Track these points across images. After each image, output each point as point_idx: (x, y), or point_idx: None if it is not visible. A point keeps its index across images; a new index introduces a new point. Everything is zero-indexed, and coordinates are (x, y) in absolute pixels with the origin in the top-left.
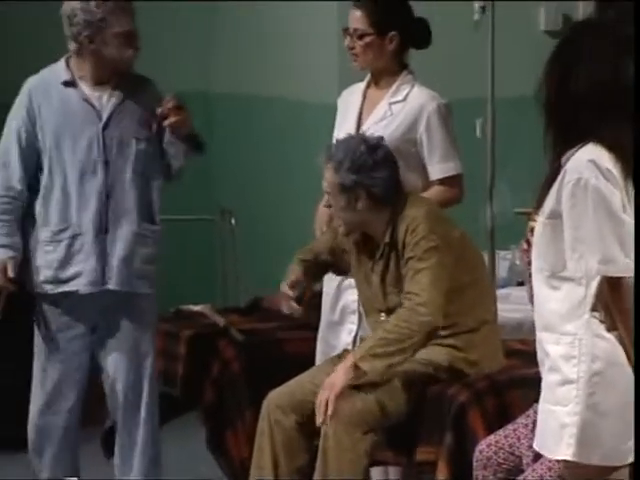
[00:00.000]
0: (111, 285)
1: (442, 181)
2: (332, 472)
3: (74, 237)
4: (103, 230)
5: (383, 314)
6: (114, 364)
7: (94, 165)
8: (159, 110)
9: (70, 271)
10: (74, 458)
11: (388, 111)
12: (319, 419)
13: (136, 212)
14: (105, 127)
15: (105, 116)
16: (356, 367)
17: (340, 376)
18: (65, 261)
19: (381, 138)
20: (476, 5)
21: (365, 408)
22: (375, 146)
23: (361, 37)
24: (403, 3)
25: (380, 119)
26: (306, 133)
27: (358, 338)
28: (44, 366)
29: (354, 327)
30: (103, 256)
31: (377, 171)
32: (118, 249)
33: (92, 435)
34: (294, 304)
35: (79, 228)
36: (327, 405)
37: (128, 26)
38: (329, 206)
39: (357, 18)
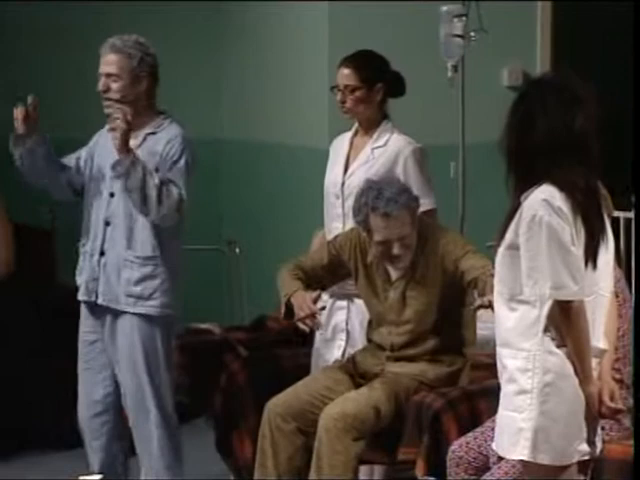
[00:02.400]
0: (99, 299)
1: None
2: (325, 473)
3: (85, 253)
4: (99, 252)
5: (394, 326)
6: (120, 378)
7: (105, 195)
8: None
9: (79, 281)
10: (121, 454)
11: (371, 155)
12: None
13: (125, 240)
14: (117, 164)
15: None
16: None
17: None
18: (79, 272)
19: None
20: (449, 64)
21: (357, 417)
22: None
23: (353, 91)
24: (383, 58)
25: (364, 162)
26: (301, 174)
27: (347, 353)
28: (79, 366)
29: (343, 343)
30: (97, 274)
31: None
32: (107, 270)
33: None
34: (319, 320)
35: (88, 246)
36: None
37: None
38: (400, 255)
39: (347, 75)
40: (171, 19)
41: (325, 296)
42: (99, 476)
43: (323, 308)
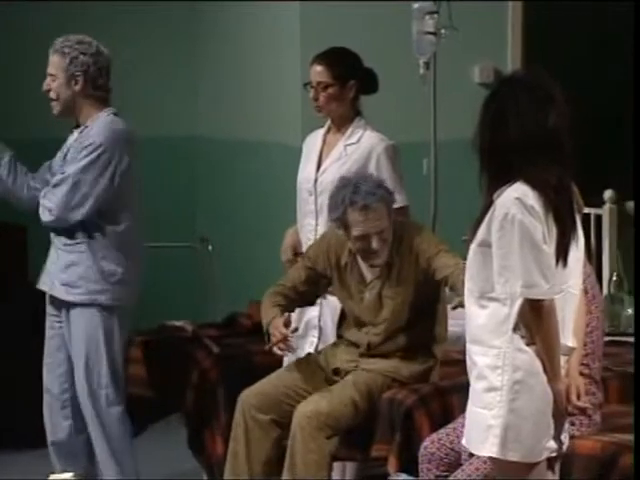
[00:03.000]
0: (44, 286)
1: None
2: (299, 471)
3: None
4: (50, 240)
5: (371, 326)
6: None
7: None
8: None
9: None
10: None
11: (343, 152)
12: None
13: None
14: None
15: None
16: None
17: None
18: None
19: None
20: (421, 61)
21: (330, 415)
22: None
23: (325, 88)
24: (355, 56)
25: (337, 159)
26: (274, 171)
27: (319, 349)
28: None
29: (315, 340)
30: (48, 262)
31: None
32: (51, 257)
33: None
34: (292, 343)
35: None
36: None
37: None
38: (377, 249)
39: (319, 72)
40: (147, 18)
41: None
42: (70, 474)
43: (296, 330)
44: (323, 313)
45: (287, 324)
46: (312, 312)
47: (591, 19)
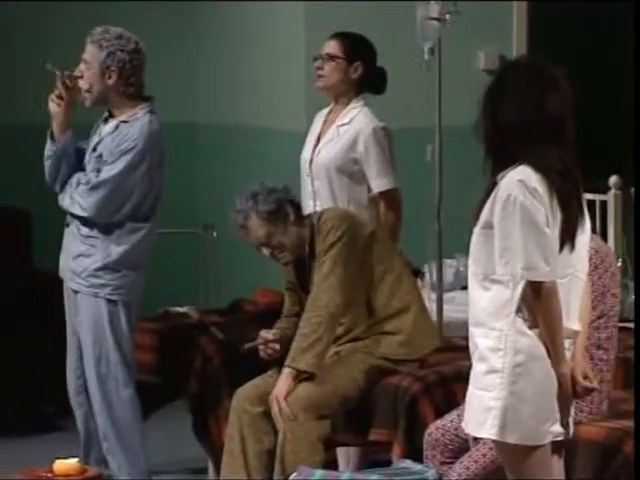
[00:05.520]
0: (60, 272)
1: (380, 195)
2: (290, 460)
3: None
4: (66, 223)
5: None
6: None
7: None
8: None
9: None
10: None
11: (335, 133)
12: (280, 426)
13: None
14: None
15: None
16: (294, 369)
17: (282, 387)
18: None
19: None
20: (425, 47)
21: (315, 398)
22: (260, 183)
23: (331, 59)
24: (372, 46)
25: (329, 140)
26: (277, 156)
27: None
28: None
29: None
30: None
31: (276, 191)
32: (65, 242)
33: None
34: (275, 347)
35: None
36: (282, 413)
37: None
38: (271, 256)
39: (331, 45)
40: (147, 5)
41: None
42: (75, 459)
43: (276, 336)
44: None
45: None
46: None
47: (596, 5)
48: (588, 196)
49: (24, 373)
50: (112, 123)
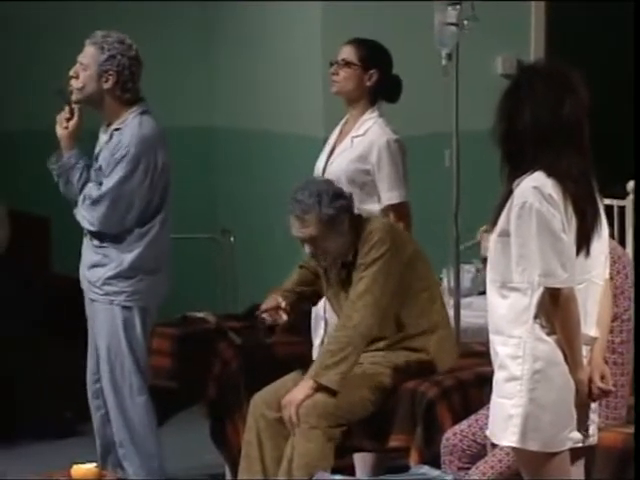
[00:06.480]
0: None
1: (390, 207)
2: (298, 462)
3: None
4: (84, 233)
5: None
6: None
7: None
8: None
9: None
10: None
11: (349, 144)
12: (291, 430)
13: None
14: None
15: None
16: (315, 383)
17: (300, 392)
18: None
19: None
20: (443, 53)
21: (332, 407)
22: (327, 181)
23: (347, 65)
24: (387, 52)
25: (343, 150)
26: (296, 162)
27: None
28: None
29: (322, 332)
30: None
31: (341, 197)
32: (84, 252)
33: None
34: (282, 314)
35: None
36: (293, 418)
37: None
38: (310, 254)
39: (347, 51)
40: (163, 10)
41: None
42: (93, 464)
43: (290, 308)
44: (328, 305)
45: (285, 297)
46: (318, 305)
47: (615, 9)
48: (606, 201)
49: (43, 378)
50: (107, 132)
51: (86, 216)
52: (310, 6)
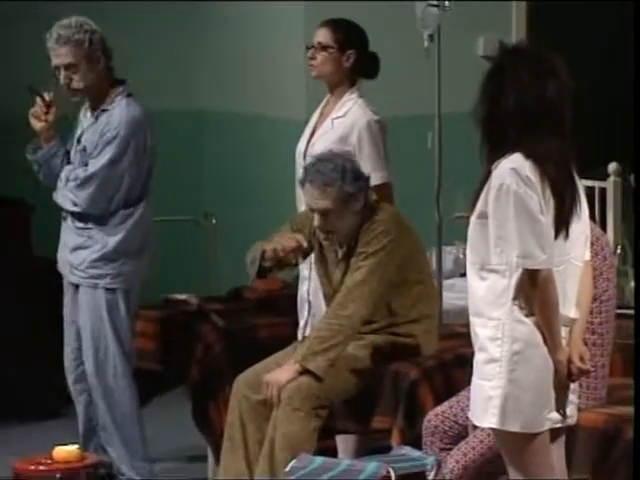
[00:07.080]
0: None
1: (373, 188)
2: (280, 443)
3: None
4: (64, 217)
5: None
6: None
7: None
8: None
9: None
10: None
11: (330, 125)
12: (273, 409)
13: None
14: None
15: None
16: (301, 367)
17: (284, 374)
18: None
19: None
20: (425, 34)
21: (315, 389)
22: (350, 159)
23: (324, 49)
24: (362, 31)
25: (324, 132)
26: (279, 145)
27: (309, 324)
28: None
29: (305, 314)
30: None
31: (361, 177)
32: (63, 236)
33: None
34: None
35: None
36: (275, 398)
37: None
38: (319, 227)
39: (322, 34)
40: None
41: None
42: (75, 446)
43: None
44: (312, 288)
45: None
46: (303, 287)
47: None
48: (587, 183)
49: (26, 361)
50: (92, 113)
51: (71, 197)
52: None
